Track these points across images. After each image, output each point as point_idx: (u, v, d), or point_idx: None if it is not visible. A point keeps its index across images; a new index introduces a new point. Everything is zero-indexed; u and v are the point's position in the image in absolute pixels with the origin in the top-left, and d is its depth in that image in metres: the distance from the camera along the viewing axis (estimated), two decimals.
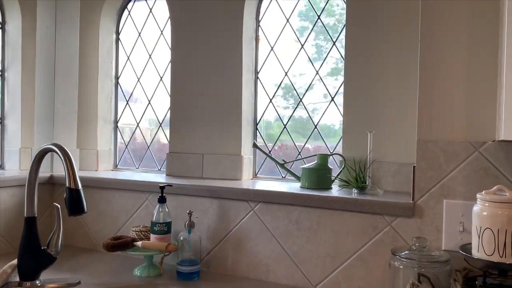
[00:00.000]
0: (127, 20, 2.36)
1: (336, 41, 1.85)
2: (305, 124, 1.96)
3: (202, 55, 1.98)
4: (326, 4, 1.89)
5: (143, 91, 2.32)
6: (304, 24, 1.96)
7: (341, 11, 1.88)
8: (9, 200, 1.80)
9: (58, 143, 1.32)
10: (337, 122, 1.88)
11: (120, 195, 1.84)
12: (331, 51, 1.88)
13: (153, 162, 2.28)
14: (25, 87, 2.19)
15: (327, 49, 1.89)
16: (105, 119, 2.33)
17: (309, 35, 1.93)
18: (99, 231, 1.88)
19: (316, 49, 1.93)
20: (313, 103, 1.94)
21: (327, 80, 1.89)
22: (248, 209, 1.58)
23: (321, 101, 1.92)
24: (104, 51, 2.32)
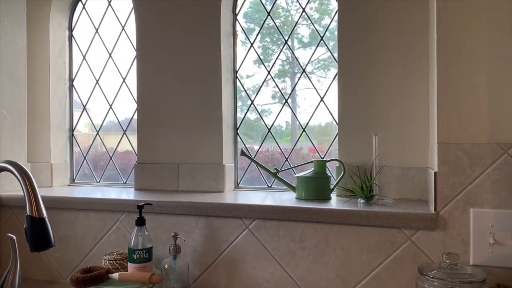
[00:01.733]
0: (82, 14, 2.08)
1: (287, 41, 1.74)
2: (254, 126, 1.86)
3: (173, 52, 1.75)
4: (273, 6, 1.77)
5: (102, 94, 2.04)
6: (250, 25, 1.84)
7: (285, 13, 1.78)
8: None
9: (13, 160, 1.06)
10: (284, 123, 1.82)
11: (85, 216, 1.57)
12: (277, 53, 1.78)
13: (116, 174, 2.01)
14: None
15: (274, 51, 1.80)
16: (58, 127, 2.03)
17: (256, 36, 1.80)
18: (60, 259, 1.59)
19: (263, 50, 1.81)
20: (261, 105, 1.82)
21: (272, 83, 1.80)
22: (242, 227, 1.38)
23: (269, 103, 1.83)
24: (55, 49, 2.02)
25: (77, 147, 2.10)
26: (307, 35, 1.78)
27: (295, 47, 1.81)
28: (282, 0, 1.81)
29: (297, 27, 1.78)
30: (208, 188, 1.69)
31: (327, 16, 1.74)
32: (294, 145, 1.76)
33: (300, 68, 1.75)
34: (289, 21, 1.81)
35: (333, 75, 1.68)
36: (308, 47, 1.77)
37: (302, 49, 1.79)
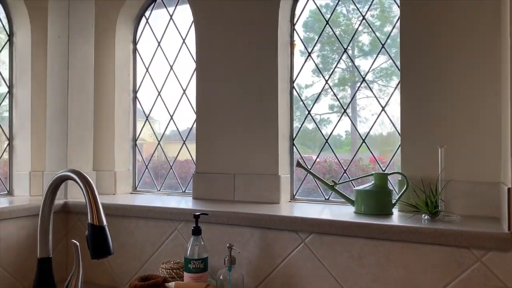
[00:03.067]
0: (145, 28, 2.16)
1: (347, 50, 1.69)
2: (311, 136, 1.82)
3: (231, 63, 1.76)
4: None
5: (164, 105, 2.10)
6: (310, 35, 1.80)
7: (346, 21, 1.72)
8: (18, 233, 1.58)
9: (77, 169, 1.10)
10: (343, 133, 1.77)
11: (145, 223, 1.61)
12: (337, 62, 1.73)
13: (176, 183, 2.06)
14: (35, 104, 1.98)
15: (334, 60, 1.75)
16: (122, 136, 2.12)
17: (314, 45, 1.76)
18: (121, 266, 1.65)
19: (322, 59, 1.77)
20: (319, 114, 1.77)
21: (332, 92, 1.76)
22: (298, 241, 1.34)
23: (328, 112, 1.79)
24: (120, 62, 2.11)
25: (139, 156, 2.18)
26: (368, 43, 1.73)
27: (356, 55, 1.76)
28: (343, 8, 1.77)
29: (358, 35, 1.73)
30: (263, 199, 1.68)
31: (388, 23, 1.67)
32: (354, 156, 1.70)
33: (360, 77, 1.70)
34: (350, 29, 1.77)
35: (395, 84, 1.61)
36: (369, 56, 1.72)
37: (362, 57, 1.74)
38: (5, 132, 2.02)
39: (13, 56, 2.02)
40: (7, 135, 2.02)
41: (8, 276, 1.55)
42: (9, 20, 2.01)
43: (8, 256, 1.55)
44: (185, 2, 2.01)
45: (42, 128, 1.98)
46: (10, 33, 2.02)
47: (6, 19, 2.00)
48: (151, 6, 2.13)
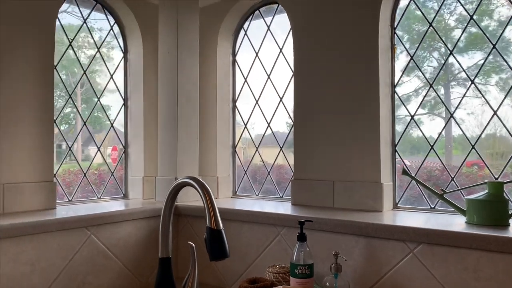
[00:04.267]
0: (244, 40, 2.25)
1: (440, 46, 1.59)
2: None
3: (330, 69, 1.77)
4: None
5: (261, 112, 2.17)
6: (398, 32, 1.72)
7: (438, 17, 1.62)
8: (136, 233, 1.74)
9: (194, 176, 1.19)
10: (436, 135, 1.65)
11: (249, 228, 1.68)
12: None
13: (272, 188, 2.11)
14: (147, 115, 2.17)
15: (424, 58, 1.67)
16: (223, 144, 2.23)
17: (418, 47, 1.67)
18: (227, 267, 1.73)
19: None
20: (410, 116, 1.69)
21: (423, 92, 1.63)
22: (406, 251, 1.31)
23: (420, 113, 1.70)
24: (221, 74, 2.23)
25: (238, 161, 2.27)
26: (463, 39, 1.63)
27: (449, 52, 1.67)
28: (434, 4, 1.69)
29: (452, 31, 1.64)
30: (365, 207, 1.66)
31: (486, 16, 1.56)
32: (463, 162, 1.61)
33: (454, 75, 1.61)
34: (442, 25, 1.68)
35: (494, 82, 1.50)
36: (464, 53, 1.62)
37: (458, 54, 1.65)
38: (121, 140, 2.23)
39: (127, 71, 2.23)
40: (123, 143, 2.23)
41: (128, 273, 1.71)
42: (124, 38, 2.22)
43: (128, 254, 1.71)
44: (282, 11, 2.06)
45: (154, 136, 2.16)
46: (125, 50, 2.23)
47: (122, 37, 2.22)
48: (249, 18, 2.22)
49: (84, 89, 2.17)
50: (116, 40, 2.20)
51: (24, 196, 1.64)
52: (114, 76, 2.17)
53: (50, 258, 1.46)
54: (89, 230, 1.57)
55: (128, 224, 1.71)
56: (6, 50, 1.61)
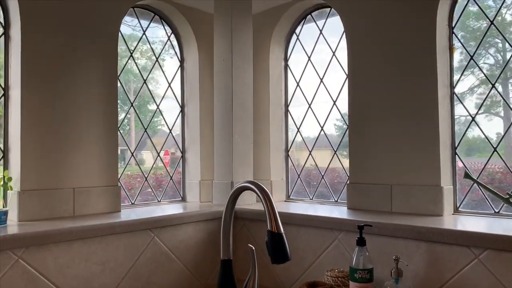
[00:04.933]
0: (296, 45, 2.27)
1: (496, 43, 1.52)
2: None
3: (386, 70, 1.75)
4: None
5: (314, 116, 2.18)
6: None
7: (493, 13, 1.55)
8: (195, 236, 1.80)
9: (254, 181, 1.22)
10: (494, 135, 1.61)
11: (305, 231, 1.69)
12: None
13: (326, 191, 2.11)
14: (203, 121, 2.24)
15: (479, 55, 1.60)
16: (277, 148, 2.26)
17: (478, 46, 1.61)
18: (285, 270, 1.75)
19: (466, 56, 1.63)
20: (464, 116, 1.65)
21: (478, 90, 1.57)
22: (470, 257, 1.27)
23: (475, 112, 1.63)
24: (274, 79, 2.26)
25: (291, 165, 2.29)
26: None
27: (507, 48, 1.60)
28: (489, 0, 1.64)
29: (509, 26, 1.57)
30: (424, 211, 1.62)
31: None
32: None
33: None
34: (499, 20, 1.61)
35: None
36: None
37: None
38: (179, 146, 2.31)
39: (184, 79, 2.32)
40: (181, 149, 2.32)
41: (189, 274, 1.77)
42: (180, 48, 2.31)
43: (188, 256, 1.77)
44: (334, 14, 2.07)
45: (209, 142, 2.22)
46: (181, 59, 2.32)
47: (178, 47, 2.30)
48: (301, 22, 2.23)
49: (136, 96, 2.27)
50: (173, 50, 2.29)
51: (92, 199, 1.75)
52: (164, 83, 2.26)
53: (118, 259, 1.54)
54: (153, 232, 1.65)
55: (188, 226, 1.77)
56: (75, 61, 1.73)
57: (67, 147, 1.69)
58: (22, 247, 1.32)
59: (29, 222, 1.54)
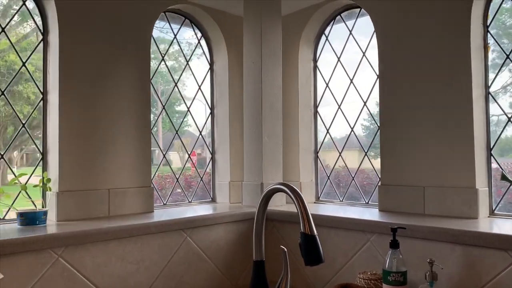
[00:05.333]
0: (325, 46, 2.27)
1: None
2: None
3: (418, 71, 1.73)
4: None
5: (344, 117, 2.17)
6: None
7: None
8: (226, 236, 1.82)
9: (286, 182, 1.23)
10: None
11: (335, 233, 1.68)
12: None
13: (356, 193, 2.09)
14: (232, 122, 2.26)
15: None
16: (306, 149, 2.26)
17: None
18: (315, 272, 1.75)
19: (499, 53, 1.57)
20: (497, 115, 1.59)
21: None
22: (508, 261, 1.25)
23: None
24: (303, 80, 2.26)
25: (321, 167, 2.28)
26: None
27: None
28: None
29: None
30: (458, 214, 1.59)
31: None
32: None
33: None
34: None
35: None
36: None
37: None
38: (209, 147, 2.34)
39: (214, 81, 2.35)
40: (210, 150, 2.35)
41: (219, 274, 1.79)
42: (210, 51, 2.34)
43: (219, 256, 1.79)
44: (364, 15, 2.05)
45: (239, 143, 2.24)
46: (211, 61, 2.35)
47: (208, 50, 2.33)
48: (331, 23, 2.23)
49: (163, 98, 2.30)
50: (203, 53, 2.32)
51: (126, 200, 1.79)
52: (190, 85, 2.29)
53: (153, 258, 1.58)
54: (185, 233, 1.68)
55: (219, 227, 1.79)
56: (110, 66, 1.78)
57: (102, 149, 1.74)
58: (62, 246, 1.36)
59: (66, 222, 1.59)
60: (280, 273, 1.30)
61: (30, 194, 1.63)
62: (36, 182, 1.66)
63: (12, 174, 1.67)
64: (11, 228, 1.47)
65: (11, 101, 1.70)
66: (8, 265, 1.25)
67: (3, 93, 1.66)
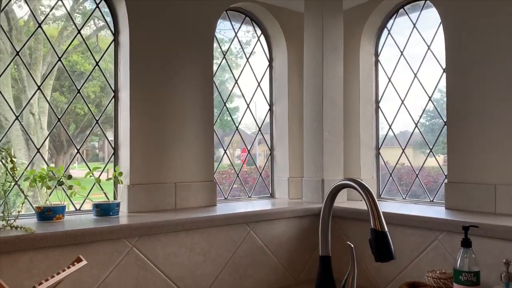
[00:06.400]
0: (387, 39, 2.22)
1: None
2: None
3: (488, 64, 1.65)
4: None
5: (407, 113, 2.11)
6: None
7: None
8: (288, 231, 1.83)
9: (354, 178, 1.22)
10: None
11: (402, 231, 1.65)
12: None
13: (420, 190, 2.04)
14: (291, 118, 2.27)
15: None
16: (367, 145, 2.22)
17: None
18: (379, 269, 1.72)
19: None
20: None
21: None
22: None
23: None
24: (364, 75, 2.23)
25: (382, 163, 2.24)
26: None
27: None
28: None
29: None
30: None
31: None
32: None
33: None
34: None
35: None
36: None
37: None
38: (268, 143, 2.37)
39: (272, 78, 2.36)
40: (269, 146, 2.37)
41: (282, 269, 1.81)
42: (269, 48, 2.36)
43: (281, 251, 1.81)
44: (429, 6, 1.99)
45: (297, 139, 2.25)
46: (270, 58, 2.36)
47: (267, 47, 2.35)
48: (393, 17, 2.17)
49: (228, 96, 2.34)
50: (262, 50, 2.35)
51: (191, 194, 1.86)
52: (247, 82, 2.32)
53: (218, 250, 1.62)
54: (249, 226, 1.71)
55: (281, 222, 1.81)
56: (176, 64, 1.84)
57: (169, 144, 1.81)
58: (135, 236, 1.44)
59: (137, 213, 1.67)
60: (342, 269, 1.29)
61: (102, 187, 1.73)
62: (100, 176, 1.75)
63: (74, 168, 1.76)
64: (87, 218, 1.57)
65: (74, 100, 1.80)
66: (89, 252, 1.33)
67: (79, 91, 1.76)
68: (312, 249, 1.89)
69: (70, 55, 3.45)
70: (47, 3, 2.34)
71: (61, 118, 1.71)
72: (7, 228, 1.30)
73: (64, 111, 1.79)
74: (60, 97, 3.38)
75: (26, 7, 1.70)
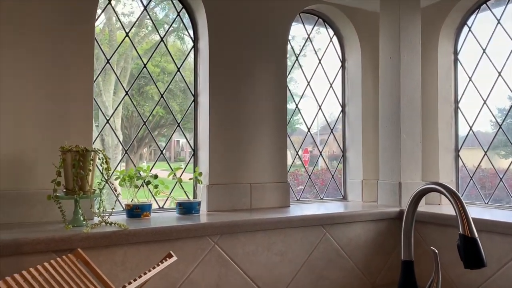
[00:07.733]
0: (467, 37, 2.12)
1: None
2: None
3: None
4: None
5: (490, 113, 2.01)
6: None
7: None
8: (364, 235, 1.81)
9: (443, 183, 1.19)
10: None
11: (488, 237, 1.57)
12: None
13: (502, 194, 1.92)
14: (365, 120, 2.24)
15: None
16: (446, 147, 2.14)
17: None
18: (461, 276, 1.66)
19: None
20: None
21: None
22: None
23: None
24: (442, 74, 2.15)
25: (463, 166, 2.14)
26: None
27: None
28: None
29: None
30: None
31: None
32: None
33: None
34: None
35: None
36: None
37: None
38: (340, 145, 2.35)
39: (345, 79, 2.34)
40: (341, 148, 2.35)
41: (358, 272, 1.79)
42: (342, 49, 2.34)
43: (357, 254, 1.79)
44: None
45: (371, 141, 2.21)
46: (343, 59, 2.35)
47: (340, 48, 2.34)
48: (475, 13, 2.08)
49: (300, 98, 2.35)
50: (335, 50, 2.34)
51: (266, 194, 1.89)
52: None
53: (295, 251, 1.64)
54: (325, 228, 1.71)
55: (357, 225, 1.79)
56: (252, 68, 1.89)
57: (245, 146, 1.86)
58: (217, 234, 1.50)
59: (215, 212, 1.74)
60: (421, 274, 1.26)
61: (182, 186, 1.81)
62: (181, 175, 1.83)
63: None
64: (170, 216, 1.65)
65: (142, 102, 1.90)
66: (175, 248, 1.40)
67: (162, 96, 1.87)
68: (389, 253, 1.86)
69: (139, 60, 3.63)
70: (121, 11, 2.49)
71: (133, 120, 1.82)
72: (102, 224, 1.41)
73: (150, 114, 1.90)
74: (129, 100, 3.59)
75: (102, 16, 1.82)
